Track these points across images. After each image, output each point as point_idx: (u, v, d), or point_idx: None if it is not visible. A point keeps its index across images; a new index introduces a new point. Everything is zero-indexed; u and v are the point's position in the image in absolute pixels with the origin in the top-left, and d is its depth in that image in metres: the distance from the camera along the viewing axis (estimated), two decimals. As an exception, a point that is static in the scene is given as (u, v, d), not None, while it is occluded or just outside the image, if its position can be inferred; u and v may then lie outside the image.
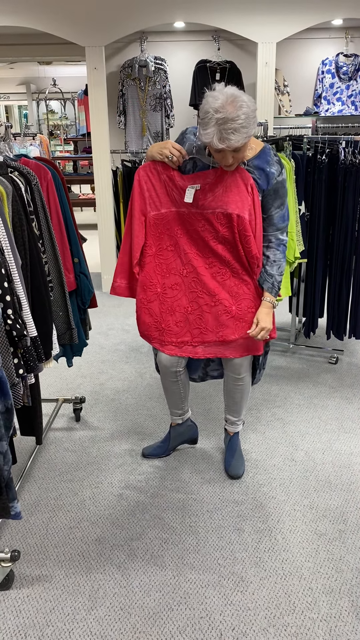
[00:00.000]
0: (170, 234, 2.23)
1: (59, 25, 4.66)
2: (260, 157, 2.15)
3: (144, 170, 2.21)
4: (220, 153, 2.00)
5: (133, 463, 2.64)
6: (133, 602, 1.89)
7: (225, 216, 2.10)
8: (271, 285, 2.25)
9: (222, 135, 1.89)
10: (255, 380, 2.50)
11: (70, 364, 2.69)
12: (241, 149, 1.99)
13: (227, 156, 2.00)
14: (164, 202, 2.20)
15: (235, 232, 2.11)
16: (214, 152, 2.02)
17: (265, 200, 2.18)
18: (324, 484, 2.47)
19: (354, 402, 3.17)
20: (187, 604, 1.88)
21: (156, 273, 2.27)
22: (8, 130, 2.56)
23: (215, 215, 2.12)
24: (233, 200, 2.09)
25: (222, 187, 2.11)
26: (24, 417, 2.28)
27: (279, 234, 2.24)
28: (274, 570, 2.01)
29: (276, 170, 2.15)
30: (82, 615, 1.85)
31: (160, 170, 2.18)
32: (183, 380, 2.53)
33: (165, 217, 2.21)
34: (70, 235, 2.54)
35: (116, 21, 4.67)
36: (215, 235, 2.16)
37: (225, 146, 1.92)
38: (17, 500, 1.92)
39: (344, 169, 3.27)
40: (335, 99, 5.57)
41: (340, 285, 3.47)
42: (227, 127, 1.87)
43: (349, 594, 1.91)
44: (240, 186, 2.10)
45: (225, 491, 2.43)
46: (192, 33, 5.53)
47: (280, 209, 2.21)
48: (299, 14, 4.69)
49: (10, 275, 1.91)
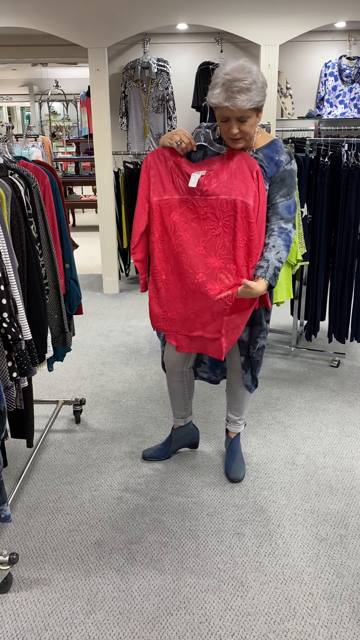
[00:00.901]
0: (172, 219, 2.20)
1: (62, 27, 4.66)
2: (270, 146, 2.15)
3: (152, 155, 2.20)
4: (227, 123, 2.00)
5: (133, 466, 2.63)
6: (132, 606, 1.88)
7: (228, 203, 2.07)
8: (264, 270, 2.08)
9: (228, 94, 1.93)
10: (245, 379, 2.45)
11: (50, 369, 2.63)
12: (247, 121, 1.98)
13: (232, 125, 1.99)
14: (168, 189, 2.18)
15: (238, 219, 2.07)
16: (221, 122, 2.02)
17: (271, 189, 2.14)
18: (325, 488, 2.45)
19: (355, 406, 3.16)
20: (186, 608, 1.87)
21: (160, 260, 2.24)
22: (9, 131, 2.55)
23: (218, 202, 2.09)
24: (238, 187, 2.06)
25: (227, 173, 2.09)
26: (15, 420, 2.26)
27: (282, 223, 2.15)
28: (274, 575, 1.99)
29: (285, 159, 2.13)
30: (81, 619, 1.83)
31: (167, 156, 2.17)
32: (188, 381, 2.52)
33: (168, 203, 2.19)
34: (63, 241, 2.53)
35: (119, 23, 4.67)
36: (215, 225, 2.12)
37: (230, 105, 1.93)
38: (7, 503, 1.91)
39: (347, 172, 3.26)
40: (338, 101, 5.56)
41: (342, 288, 3.45)
42: (233, 87, 1.92)
43: (350, 599, 1.89)
44: (245, 172, 2.07)
45: (226, 495, 2.42)
46: (194, 35, 5.52)
47: (285, 198, 2.14)
48: (302, 17, 4.69)
49: (7, 278, 1.90)
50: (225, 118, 1.99)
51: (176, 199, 2.17)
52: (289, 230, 2.17)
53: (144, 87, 5.28)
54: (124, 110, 5.36)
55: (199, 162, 2.17)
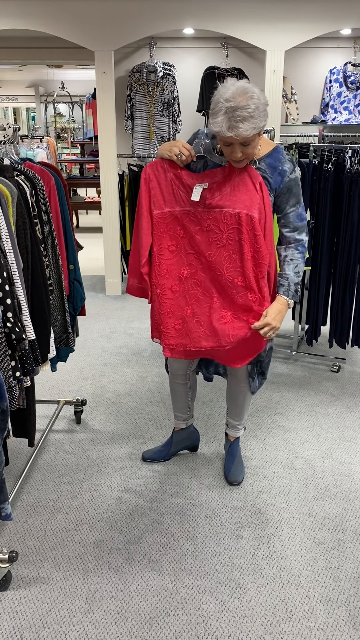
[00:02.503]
0: (172, 233, 2.19)
1: (69, 30, 4.68)
2: (272, 155, 2.12)
3: (151, 167, 2.17)
4: (229, 147, 1.98)
5: (133, 467, 2.64)
6: (130, 606, 1.89)
7: (232, 216, 2.06)
8: (286, 288, 2.16)
9: (231, 123, 1.89)
10: (252, 386, 2.45)
11: (54, 369, 2.67)
12: (250, 144, 1.96)
13: (236, 150, 1.97)
14: (168, 201, 2.16)
15: (243, 232, 2.06)
16: (223, 145, 2.00)
17: (279, 200, 2.15)
18: (324, 492, 2.46)
19: (355, 411, 3.17)
20: (183, 609, 1.88)
21: (156, 274, 2.22)
22: (16, 132, 2.57)
23: (222, 214, 2.08)
24: (241, 199, 2.05)
25: (230, 185, 2.07)
26: (18, 419, 2.28)
27: (296, 235, 2.18)
28: (271, 578, 2.01)
29: (289, 168, 2.12)
30: (79, 618, 1.84)
31: (167, 168, 2.15)
32: (192, 384, 2.53)
33: (169, 217, 2.17)
34: (68, 242, 2.55)
35: (126, 26, 4.70)
36: (219, 237, 2.11)
37: (234, 134, 1.90)
38: (8, 502, 1.93)
39: (350, 178, 3.28)
40: (343, 107, 5.59)
41: (344, 293, 3.47)
42: (236, 116, 1.87)
43: (346, 603, 1.90)
44: (248, 184, 2.06)
45: (225, 497, 2.43)
46: (201, 40, 5.55)
47: (295, 207, 2.16)
48: (308, 23, 4.71)
49: (12, 278, 1.92)
50: (228, 143, 1.97)
51: (178, 211, 2.15)
52: (304, 241, 2.21)
53: (150, 91, 5.30)
54: (129, 113, 5.39)
55: (199, 172, 2.15)
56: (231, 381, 2.49)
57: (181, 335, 2.24)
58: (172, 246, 2.20)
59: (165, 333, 2.26)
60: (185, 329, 2.23)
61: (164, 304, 2.24)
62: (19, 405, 2.07)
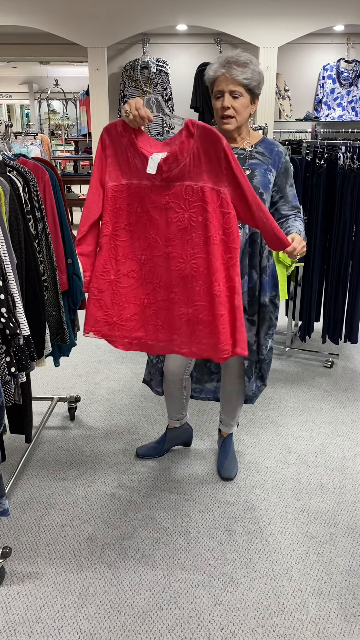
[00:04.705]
0: (129, 210, 1.88)
1: (62, 26, 4.68)
2: (264, 141, 2.19)
3: (107, 131, 1.84)
4: (220, 100, 2.03)
5: (126, 463, 2.65)
6: (123, 600, 1.90)
7: (195, 191, 1.77)
8: (298, 231, 2.08)
9: (225, 65, 2.00)
10: (248, 388, 2.37)
11: (57, 364, 2.69)
12: (239, 98, 2.02)
13: (225, 99, 2.01)
14: (125, 171, 1.84)
15: (209, 210, 1.76)
16: (215, 99, 2.05)
17: (279, 179, 2.18)
18: (316, 487, 2.48)
19: (347, 406, 3.19)
20: (176, 603, 1.89)
21: (110, 257, 1.92)
22: (8, 128, 2.56)
23: (183, 189, 1.79)
24: (205, 170, 1.76)
25: (188, 155, 1.75)
26: (14, 415, 2.28)
27: (297, 212, 2.22)
28: (264, 572, 2.02)
29: (283, 150, 2.19)
30: (72, 612, 1.85)
31: (121, 132, 1.81)
32: (187, 387, 2.52)
33: (126, 190, 1.87)
34: (65, 237, 2.55)
35: (119, 22, 4.69)
36: (180, 217, 1.81)
37: (226, 71, 1.98)
38: (5, 497, 1.93)
39: (342, 174, 3.29)
40: (336, 104, 5.60)
41: (337, 289, 3.48)
42: (231, 59, 1.99)
43: (338, 596, 1.92)
44: (210, 153, 1.73)
45: (218, 492, 2.44)
46: (194, 36, 5.55)
47: (292, 187, 2.23)
48: (301, 19, 4.72)
49: (5, 274, 1.92)
50: (220, 93, 2.03)
51: (135, 184, 1.85)
52: (302, 218, 2.24)
53: (143, 87, 5.30)
54: (122, 109, 5.38)
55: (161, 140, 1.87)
56: (226, 378, 2.48)
57: (137, 325, 1.97)
58: (128, 225, 1.90)
59: (119, 325, 1.97)
60: (142, 320, 1.96)
61: (119, 293, 1.94)
62: (15, 400, 2.07)
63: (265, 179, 2.11)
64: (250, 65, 2.01)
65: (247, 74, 2.00)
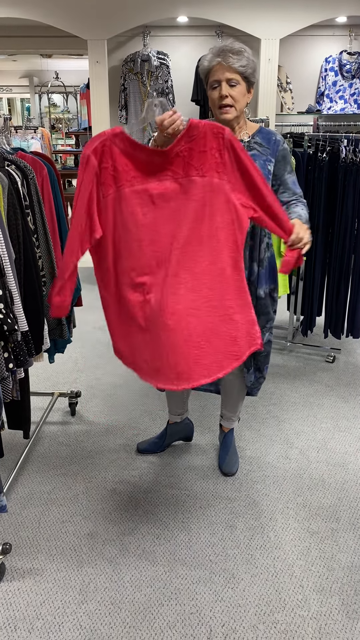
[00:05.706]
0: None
1: (62, 18, 4.64)
2: (261, 130, 2.17)
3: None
4: (216, 89, 2.02)
5: (127, 458, 2.64)
6: (124, 596, 1.89)
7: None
8: (298, 217, 2.06)
9: (220, 55, 1.99)
10: (247, 380, 2.38)
11: (52, 360, 2.67)
12: (236, 86, 2.01)
13: (222, 88, 2.00)
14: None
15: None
16: (211, 89, 2.04)
17: (277, 168, 2.17)
18: (318, 483, 2.47)
19: (349, 401, 3.17)
20: (177, 599, 1.88)
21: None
22: (7, 122, 2.54)
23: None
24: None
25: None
26: (12, 411, 2.27)
27: (299, 197, 2.20)
28: (265, 568, 2.01)
29: (280, 139, 2.17)
30: (73, 608, 1.85)
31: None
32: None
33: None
34: (62, 232, 2.53)
35: (119, 15, 4.66)
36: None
37: (222, 59, 1.98)
38: (3, 494, 1.93)
39: (344, 167, 3.26)
40: (338, 97, 5.56)
41: (339, 284, 3.46)
42: (224, 49, 2.00)
43: (339, 592, 1.91)
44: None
45: (219, 488, 2.43)
46: (195, 28, 5.51)
47: (291, 174, 2.20)
48: (303, 11, 4.68)
49: (3, 269, 1.90)
50: (216, 82, 2.01)
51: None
52: (305, 203, 2.21)
53: (144, 80, 5.26)
54: (123, 103, 5.35)
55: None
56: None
57: None
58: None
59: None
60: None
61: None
62: (13, 397, 2.06)
63: (265, 170, 2.10)
64: (245, 53, 2.01)
65: (242, 61, 1.99)
